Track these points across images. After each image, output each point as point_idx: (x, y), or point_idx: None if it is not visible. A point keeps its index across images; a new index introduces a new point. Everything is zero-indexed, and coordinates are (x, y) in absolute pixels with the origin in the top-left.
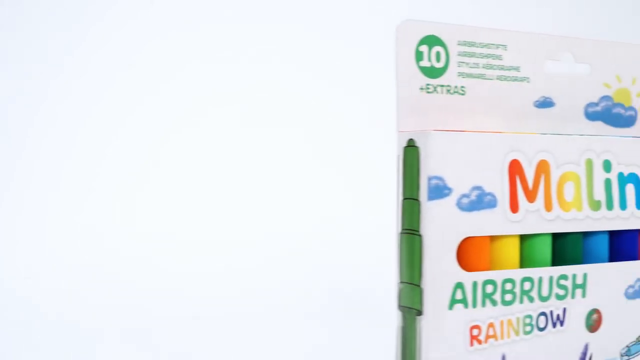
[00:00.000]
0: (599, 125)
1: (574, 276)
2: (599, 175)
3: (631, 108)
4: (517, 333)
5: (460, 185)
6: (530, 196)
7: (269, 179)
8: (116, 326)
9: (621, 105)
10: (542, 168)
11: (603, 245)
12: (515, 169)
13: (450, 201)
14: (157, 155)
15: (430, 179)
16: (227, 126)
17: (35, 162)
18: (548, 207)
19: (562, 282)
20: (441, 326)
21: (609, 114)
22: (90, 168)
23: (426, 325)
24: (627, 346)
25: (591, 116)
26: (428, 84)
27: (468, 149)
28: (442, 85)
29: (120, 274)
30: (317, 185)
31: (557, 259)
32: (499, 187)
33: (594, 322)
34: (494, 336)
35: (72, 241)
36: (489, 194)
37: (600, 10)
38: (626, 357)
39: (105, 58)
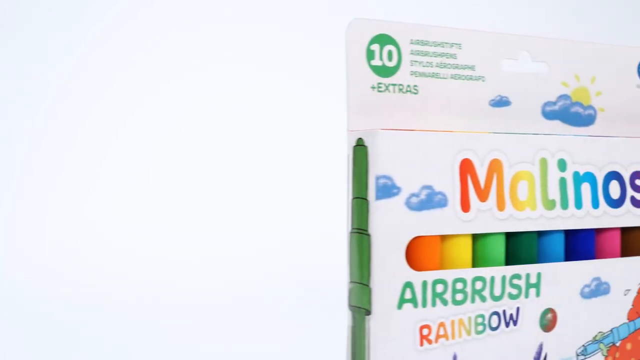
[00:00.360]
0: (557, 124)
1: (528, 275)
2: (554, 175)
3: (590, 107)
4: (468, 333)
5: (409, 184)
6: (482, 195)
7: (219, 178)
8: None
9: (580, 104)
10: (495, 167)
11: (558, 244)
12: (466, 168)
13: (398, 200)
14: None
15: (378, 178)
16: (178, 126)
17: (35, 161)
18: (500, 206)
19: (515, 281)
20: (389, 326)
21: (567, 113)
22: (90, 167)
23: (374, 324)
24: (583, 345)
25: (549, 115)
26: (380, 83)
27: (417, 148)
28: (394, 84)
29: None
30: (270, 183)
31: (511, 259)
32: (450, 187)
33: (548, 321)
34: (445, 336)
35: (72, 239)
36: (439, 193)
37: (558, 9)
38: (582, 357)
39: (105, 58)
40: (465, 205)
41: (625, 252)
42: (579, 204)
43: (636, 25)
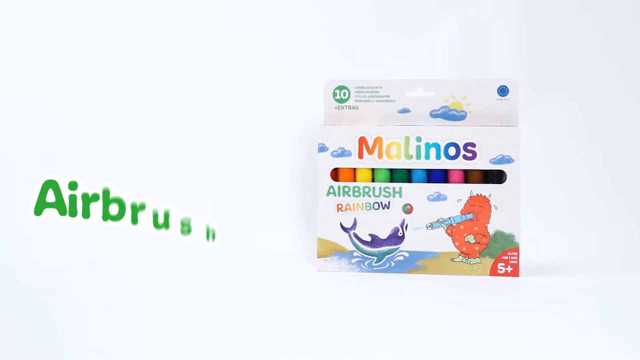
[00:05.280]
0: (440, 121)
1: (394, 188)
2: (413, 143)
3: (462, 111)
4: (362, 209)
5: (332, 146)
6: (370, 151)
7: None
8: None
9: (455, 110)
10: (378, 140)
11: (421, 175)
12: (361, 140)
13: (327, 153)
14: None
15: (319, 144)
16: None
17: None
18: (380, 156)
19: (387, 190)
20: (325, 201)
21: (447, 114)
22: None
23: (319, 200)
24: (430, 223)
25: (434, 116)
26: (339, 106)
27: (340, 132)
28: (346, 107)
29: None
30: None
31: (392, 181)
32: (353, 147)
33: (407, 210)
34: (350, 209)
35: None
36: (348, 150)
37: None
38: (430, 229)
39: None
40: (360, 156)
41: (466, 182)
42: (427, 157)
43: None
